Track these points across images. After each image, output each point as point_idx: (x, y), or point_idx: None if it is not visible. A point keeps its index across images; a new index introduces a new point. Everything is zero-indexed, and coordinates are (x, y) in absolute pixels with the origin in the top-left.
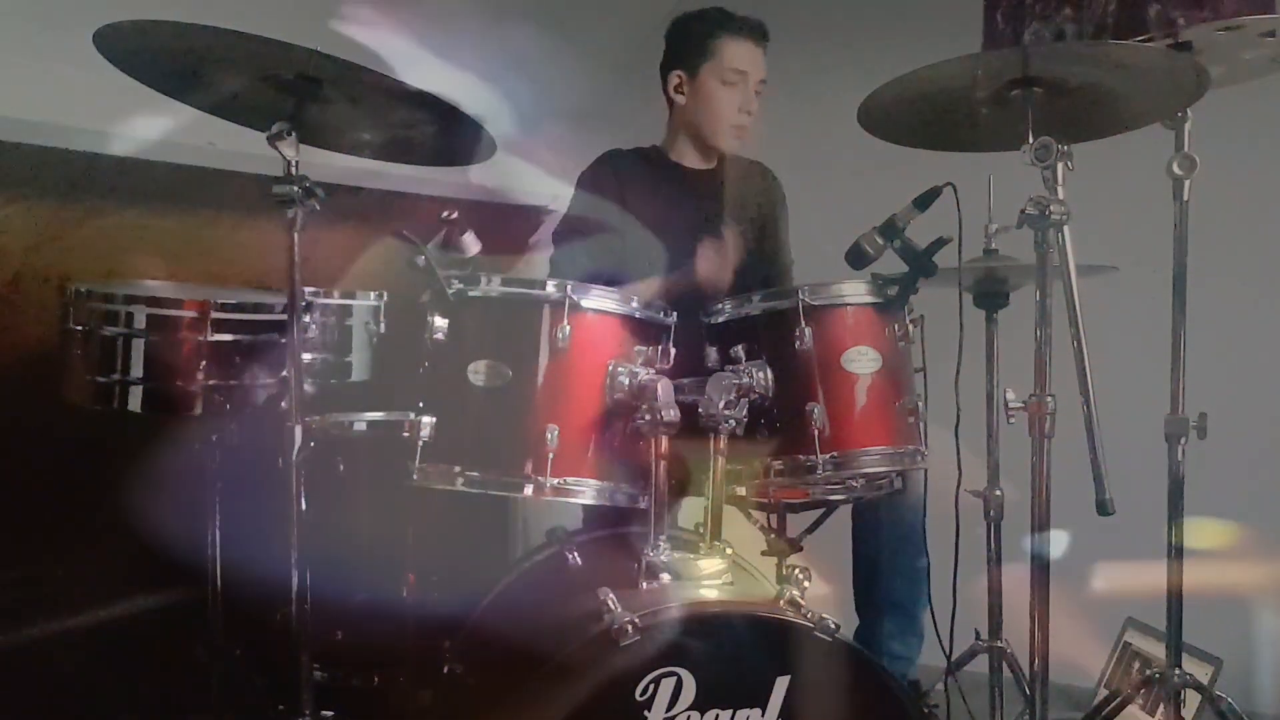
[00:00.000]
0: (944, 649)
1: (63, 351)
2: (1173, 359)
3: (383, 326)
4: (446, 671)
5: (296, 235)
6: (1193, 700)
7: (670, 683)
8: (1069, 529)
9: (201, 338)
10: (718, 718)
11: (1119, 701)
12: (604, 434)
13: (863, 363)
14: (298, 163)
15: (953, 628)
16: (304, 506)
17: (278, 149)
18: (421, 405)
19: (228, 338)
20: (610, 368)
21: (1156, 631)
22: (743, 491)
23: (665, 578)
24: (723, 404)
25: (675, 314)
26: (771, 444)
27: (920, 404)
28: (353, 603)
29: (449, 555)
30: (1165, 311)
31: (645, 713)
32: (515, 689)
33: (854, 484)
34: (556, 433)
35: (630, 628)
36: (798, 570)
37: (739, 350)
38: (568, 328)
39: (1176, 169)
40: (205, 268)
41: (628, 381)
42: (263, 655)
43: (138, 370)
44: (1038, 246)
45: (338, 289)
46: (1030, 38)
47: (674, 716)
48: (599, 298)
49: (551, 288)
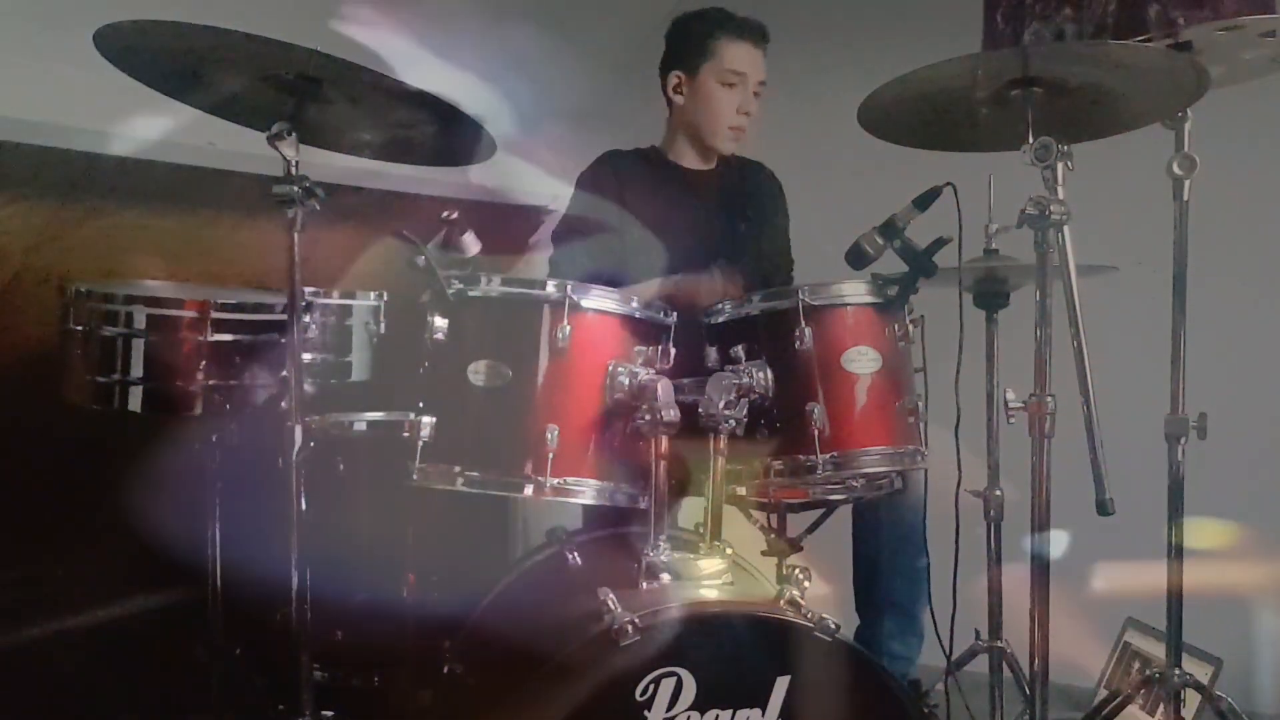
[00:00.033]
0: (944, 649)
1: (63, 351)
2: (1173, 359)
3: (383, 326)
4: (446, 671)
5: (296, 235)
6: (1193, 700)
7: (670, 683)
8: (1069, 529)
9: (201, 338)
10: (718, 718)
11: (1119, 701)
12: (604, 434)
13: (863, 363)
14: (298, 163)
15: (953, 628)
16: (304, 506)
17: (278, 149)
18: (421, 405)
19: (228, 338)
20: (610, 368)
21: (1156, 631)
22: (743, 491)
23: (665, 578)
24: (723, 404)
25: (675, 314)
26: (771, 444)
27: (920, 404)
28: (353, 603)
29: (449, 555)
30: (1165, 311)
31: (645, 713)
32: (515, 689)
33: (854, 484)
34: (556, 433)
35: (630, 628)
36: (798, 570)
37: (739, 350)
38: (568, 328)
39: (1176, 169)
40: (205, 268)
41: (628, 381)
42: (263, 655)
43: (138, 370)
44: (1038, 246)
45: (338, 289)
46: (1030, 38)
47: (674, 716)
48: (599, 298)
49: (551, 288)
